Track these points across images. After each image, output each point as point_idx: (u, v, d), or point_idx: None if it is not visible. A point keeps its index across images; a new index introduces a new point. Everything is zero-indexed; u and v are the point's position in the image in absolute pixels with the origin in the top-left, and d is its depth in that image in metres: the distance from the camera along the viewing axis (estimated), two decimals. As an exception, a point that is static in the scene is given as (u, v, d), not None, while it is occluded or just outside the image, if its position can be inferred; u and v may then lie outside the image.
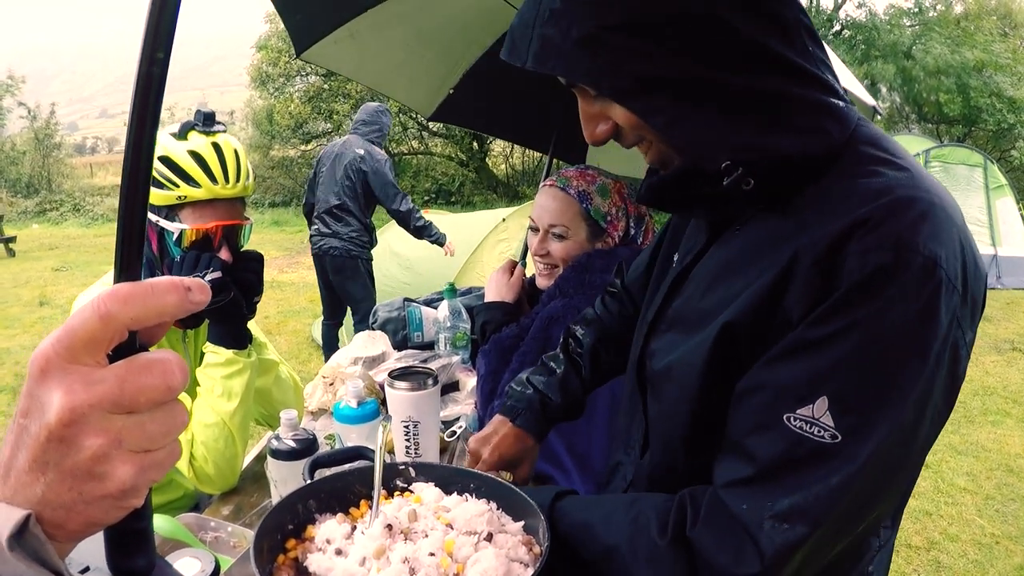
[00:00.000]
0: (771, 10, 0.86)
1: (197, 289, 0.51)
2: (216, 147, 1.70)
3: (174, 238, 1.69)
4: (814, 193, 0.89)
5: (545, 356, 1.57)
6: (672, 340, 1.04)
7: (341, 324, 5.98)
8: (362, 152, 5.40)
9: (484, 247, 6.32)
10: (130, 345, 0.51)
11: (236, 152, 1.73)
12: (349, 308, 5.78)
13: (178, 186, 1.67)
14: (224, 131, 1.76)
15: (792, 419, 0.81)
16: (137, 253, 0.54)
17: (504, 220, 6.53)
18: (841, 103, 0.92)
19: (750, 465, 0.84)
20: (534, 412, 1.45)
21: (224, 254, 1.72)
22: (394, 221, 5.81)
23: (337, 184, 5.43)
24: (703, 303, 0.99)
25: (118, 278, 0.53)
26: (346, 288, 5.62)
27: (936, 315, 0.79)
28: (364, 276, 5.58)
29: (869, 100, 2.41)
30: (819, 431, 0.80)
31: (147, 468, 0.51)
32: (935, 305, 0.79)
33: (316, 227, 5.56)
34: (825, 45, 0.95)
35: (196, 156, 1.67)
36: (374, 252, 5.74)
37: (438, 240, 5.66)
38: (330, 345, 5.90)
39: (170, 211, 1.70)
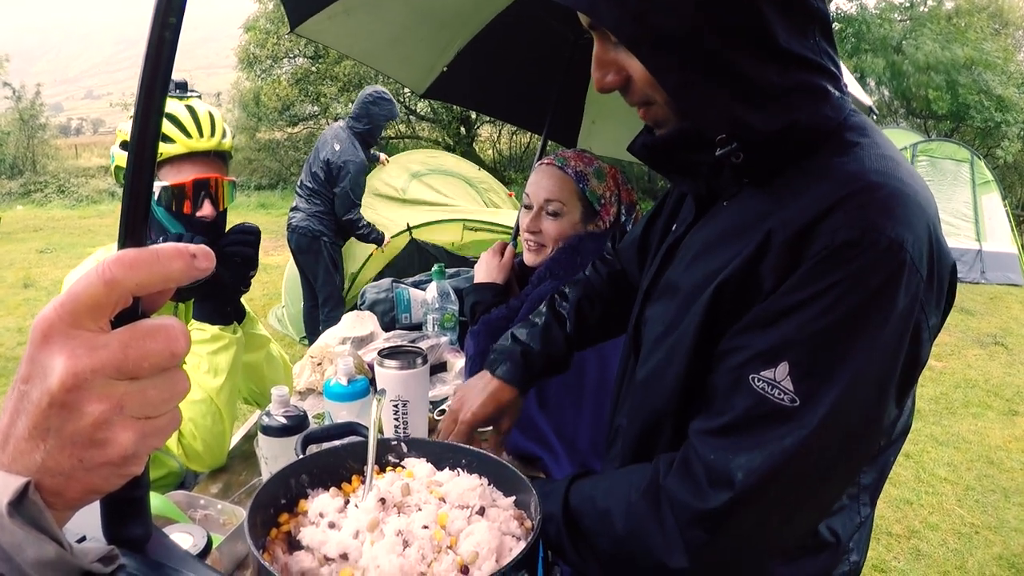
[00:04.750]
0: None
1: (202, 256, 0.50)
2: (190, 108, 1.73)
3: (156, 198, 1.69)
4: (796, 174, 0.93)
5: (531, 313, 1.57)
6: (663, 308, 1.08)
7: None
8: (337, 148, 5.40)
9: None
10: (133, 311, 0.50)
11: (210, 113, 1.76)
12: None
13: None
14: (199, 98, 1.79)
15: (756, 380, 0.87)
16: (143, 218, 0.54)
17: (385, 162, 6.75)
18: (837, 93, 0.95)
19: (719, 418, 0.91)
20: (515, 362, 1.43)
21: (207, 209, 1.73)
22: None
23: (312, 168, 5.50)
24: (687, 273, 1.03)
25: (123, 244, 0.53)
26: (309, 269, 5.60)
27: (896, 294, 0.82)
28: (326, 260, 5.54)
29: (866, 100, 2.44)
30: (779, 393, 0.85)
31: (148, 435, 0.50)
32: (895, 284, 0.82)
33: (293, 204, 5.62)
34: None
35: (170, 116, 1.70)
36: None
37: (377, 240, 5.78)
38: (311, 329, 5.85)
39: None
